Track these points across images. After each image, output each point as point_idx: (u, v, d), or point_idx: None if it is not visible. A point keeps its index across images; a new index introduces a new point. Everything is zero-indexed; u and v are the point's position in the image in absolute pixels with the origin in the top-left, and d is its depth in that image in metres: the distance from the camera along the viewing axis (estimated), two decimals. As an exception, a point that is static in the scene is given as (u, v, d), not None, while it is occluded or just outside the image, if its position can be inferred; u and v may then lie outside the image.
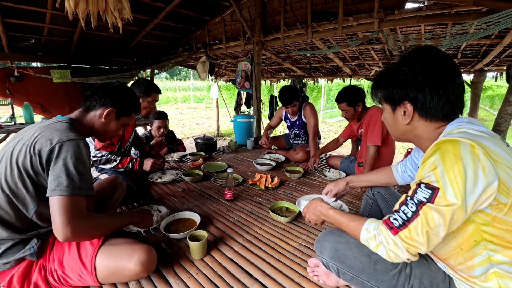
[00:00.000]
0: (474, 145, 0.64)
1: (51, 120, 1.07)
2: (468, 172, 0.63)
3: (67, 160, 0.92)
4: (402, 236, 0.71)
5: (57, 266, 1.01)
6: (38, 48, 4.29)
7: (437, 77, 0.77)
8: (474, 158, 0.63)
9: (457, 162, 0.64)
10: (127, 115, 1.25)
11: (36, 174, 0.94)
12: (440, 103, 0.77)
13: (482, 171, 0.63)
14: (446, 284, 0.83)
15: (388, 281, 0.87)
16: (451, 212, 0.65)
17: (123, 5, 2.19)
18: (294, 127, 3.01)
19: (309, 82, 7.27)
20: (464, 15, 2.46)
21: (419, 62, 0.79)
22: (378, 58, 4.61)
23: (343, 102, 2.28)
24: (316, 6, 3.31)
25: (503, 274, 0.69)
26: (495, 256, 0.69)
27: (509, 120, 3.04)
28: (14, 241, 0.96)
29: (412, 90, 0.79)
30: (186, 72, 26.77)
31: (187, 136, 8.19)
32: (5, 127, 3.60)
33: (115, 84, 1.21)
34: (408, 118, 0.83)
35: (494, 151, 0.65)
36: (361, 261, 0.91)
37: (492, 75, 4.81)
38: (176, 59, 5.34)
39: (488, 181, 0.63)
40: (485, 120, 10.73)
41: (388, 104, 0.88)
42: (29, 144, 0.94)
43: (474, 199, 0.64)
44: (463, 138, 0.66)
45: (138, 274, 1.03)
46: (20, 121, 3.96)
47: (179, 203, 1.87)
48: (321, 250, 1.02)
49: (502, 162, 0.64)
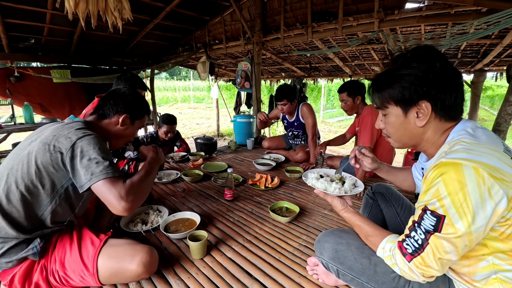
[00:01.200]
0: (478, 168, 0.62)
1: (66, 120, 1.12)
2: (474, 197, 0.61)
3: (91, 151, 0.98)
4: (416, 263, 0.71)
5: (59, 267, 1.01)
6: (38, 48, 4.28)
7: (454, 74, 0.75)
8: (479, 182, 0.61)
9: (462, 188, 0.62)
10: (140, 118, 1.29)
11: (56, 171, 0.98)
12: (457, 101, 0.76)
13: (488, 195, 0.61)
14: (446, 285, 0.82)
15: (389, 283, 0.86)
16: (460, 240, 0.64)
17: (123, 5, 2.19)
18: (292, 128, 3.00)
19: (309, 82, 7.28)
20: (464, 15, 2.46)
21: (437, 58, 0.75)
22: (378, 58, 4.61)
23: (344, 92, 2.34)
24: (316, 6, 3.31)
25: (505, 281, 0.68)
26: (501, 265, 0.68)
27: (509, 120, 3.04)
28: (18, 240, 0.97)
29: (433, 88, 0.74)
30: (186, 72, 26.77)
31: (187, 136, 8.20)
32: (5, 127, 3.59)
33: (123, 90, 1.26)
34: (425, 119, 0.77)
35: (499, 169, 0.63)
36: (361, 263, 0.90)
37: (492, 75, 4.82)
38: (176, 59, 5.33)
39: (496, 203, 0.61)
40: (485, 120, 10.73)
41: (399, 106, 0.81)
42: (48, 143, 0.97)
43: (485, 223, 0.62)
44: (466, 160, 0.64)
45: (140, 275, 1.03)
46: (20, 121, 3.96)
47: (179, 203, 1.87)
48: (321, 251, 1.01)
49: (508, 180, 0.62)
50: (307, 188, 2.17)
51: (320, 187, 1.11)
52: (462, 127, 0.76)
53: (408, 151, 2.59)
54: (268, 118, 2.87)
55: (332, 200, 1.04)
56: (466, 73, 4.71)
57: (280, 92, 2.71)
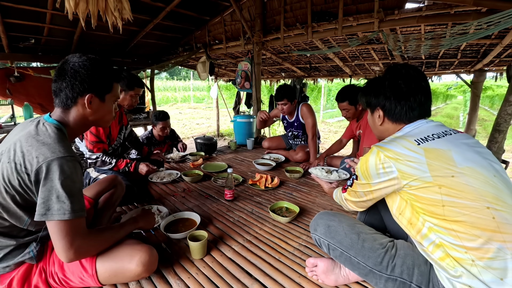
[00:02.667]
0: (379, 151, 0.92)
1: (38, 125, 0.94)
2: (371, 167, 0.94)
3: (56, 181, 0.84)
4: (348, 191, 1.11)
5: (58, 269, 1.01)
6: (38, 48, 4.29)
7: (401, 90, 0.99)
8: (376, 159, 0.92)
9: (366, 162, 0.96)
10: (109, 91, 1.06)
11: (25, 192, 0.88)
12: (403, 110, 1.00)
13: (382, 167, 0.90)
14: (428, 266, 0.90)
15: (374, 258, 0.95)
16: (361, 186, 1.01)
17: (123, 5, 2.19)
18: (292, 128, 3.00)
19: (309, 82, 7.27)
20: (464, 15, 2.45)
21: (388, 77, 1.03)
22: (378, 58, 4.61)
23: (344, 101, 2.28)
24: (316, 6, 3.31)
25: (444, 244, 0.79)
26: (434, 227, 0.82)
27: (509, 120, 3.04)
28: (13, 246, 0.95)
29: (382, 99, 1.04)
30: (186, 72, 26.78)
31: (187, 136, 8.20)
32: (5, 127, 3.60)
33: (71, 65, 0.97)
34: (380, 121, 1.08)
35: (396, 151, 0.89)
36: (351, 238, 1.02)
37: (492, 75, 4.81)
38: (176, 59, 5.34)
39: (386, 172, 0.89)
40: (485, 120, 10.73)
41: (368, 108, 1.14)
42: (14, 160, 0.86)
43: (377, 182, 0.93)
44: (377, 146, 0.94)
45: (140, 274, 1.03)
46: (20, 121, 3.97)
47: (179, 203, 1.87)
48: (315, 228, 1.14)
49: (403, 159, 0.87)
50: (307, 188, 2.17)
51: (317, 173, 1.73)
52: (409, 126, 1.00)
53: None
54: (269, 116, 2.87)
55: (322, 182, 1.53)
56: (466, 73, 4.71)
57: (280, 91, 2.70)
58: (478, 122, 9.47)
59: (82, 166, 1.00)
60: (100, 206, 1.43)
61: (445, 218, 0.79)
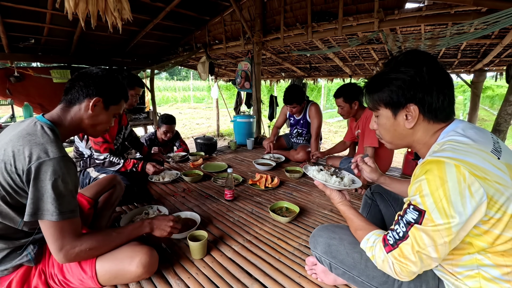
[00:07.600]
0: (460, 166, 0.63)
1: (30, 125, 0.92)
2: (454, 194, 0.63)
3: (46, 181, 0.84)
4: (395, 254, 0.72)
5: (57, 271, 1.00)
6: (38, 48, 4.28)
7: (442, 77, 0.77)
8: (459, 179, 0.63)
9: (442, 185, 0.64)
10: (115, 104, 1.11)
11: (16, 192, 0.87)
12: (445, 104, 0.77)
13: (468, 192, 0.62)
14: (436, 281, 0.84)
15: (379, 277, 0.87)
16: (439, 234, 0.65)
17: (123, 5, 2.19)
18: (297, 126, 3.01)
19: (309, 82, 7.28)
20: (464, 15, 2.45)
21: (425, 63, 0.76)
22: (378, 58, 4.61)
23: (339, 97, 2.31)
24: (316, 6, 3.31)
25: (486, 277, 0.69)
26: (482, 260, 0.69)
27: (509, 120, 3.04)
28: (10, 249, 0.94)
29: (420, 91, 0.76)
30: (186, 72, 26.75)
31: (187, 136, 8.20)
32: (5, 127, 3.60)
33: (95, 71, 1.06)
34: (413, 121, 0.80)
35: (483, 168, 0.64)
36: (353, 257, 0.92)
37: (492, 75, 4.82)
38: (176, 59, 5.33)
39: (477, 201, 0.62)
40: (485, 120, 10.73)
41: (389, 108, 0.83)
42: (4, 160, 0.85)
43: (464, 220, 0.63)
44: (449, 158, 0.65)
45: (140, 276, 1.02)
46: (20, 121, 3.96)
47: (179, 203, 1.87)
48: (314, 245, 1.04)
49: (491, 179, 0.63)
50: (307, 188, 2.17)
51: (321, 178, 1.11)
52: (453, 128, 0.77)
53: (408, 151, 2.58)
54: (271, 149, 2.90)
55: (331, 192, 1.07)
56: (466, 73, 4.71)
57: (290, 95, 2.70)
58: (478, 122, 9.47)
59: (76, 167, 0.99)
60: (99, 206, 1.43)
61: (504, 253, 0.66)
